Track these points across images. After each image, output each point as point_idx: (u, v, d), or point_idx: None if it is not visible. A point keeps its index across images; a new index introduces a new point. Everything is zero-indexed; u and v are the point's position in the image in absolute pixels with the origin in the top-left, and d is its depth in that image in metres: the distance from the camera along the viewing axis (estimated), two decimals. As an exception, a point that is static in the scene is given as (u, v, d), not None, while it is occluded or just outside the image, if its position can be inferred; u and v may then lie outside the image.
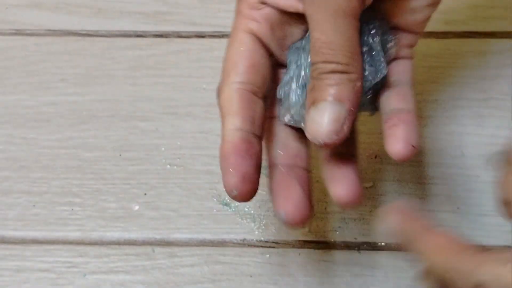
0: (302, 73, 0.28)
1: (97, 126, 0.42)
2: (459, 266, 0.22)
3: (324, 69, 0.25)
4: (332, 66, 0.25)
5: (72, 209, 0.39)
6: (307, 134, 0.26)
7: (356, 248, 0.38)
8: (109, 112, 0.42)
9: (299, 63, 0.29)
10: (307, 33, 0.29)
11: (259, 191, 0.39)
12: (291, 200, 0.28)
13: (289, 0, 0.28)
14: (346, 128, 0.25)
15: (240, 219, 0.39)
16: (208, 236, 0.38)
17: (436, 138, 0.40)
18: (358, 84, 0.25)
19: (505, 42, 0.43)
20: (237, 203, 0.39)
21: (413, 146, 0.27)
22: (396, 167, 0.40)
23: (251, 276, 0.37)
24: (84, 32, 0.45)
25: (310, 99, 0.26)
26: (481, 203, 0.38)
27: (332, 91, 0.25)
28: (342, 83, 0.25)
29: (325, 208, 0.39)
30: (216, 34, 0.45)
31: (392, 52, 0.30)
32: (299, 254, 0.38)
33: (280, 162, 0.29)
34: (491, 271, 0.21)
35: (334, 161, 0.29)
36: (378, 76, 0.28)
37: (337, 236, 0.38)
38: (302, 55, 0.29)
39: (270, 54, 0.30)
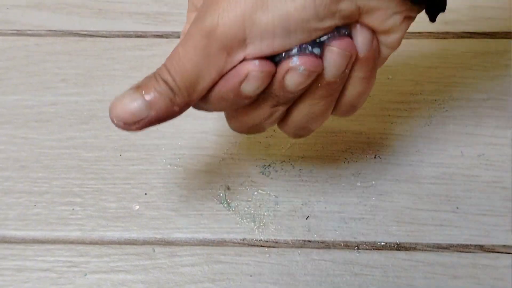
0: None
1: (98, 126, 0.42)
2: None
3: (163, 74, 0.27)
4: (169, 78, 0.27)
5: (73, 209, 0.39)
6: (111, 103, 0.28)
7: (356, 248, 0.38)
8: (110, 112, 0.42)
9: None
10: None
11: (259, 191, 0.39)
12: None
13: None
14: (136, 126, 0.27)
15: (240, 219, 0.39)
16: (208, 236, 0.38)
17: (436, 138, 0.41)
18: (176, 108, 0.27)
19: (505, 42, 0.43)
20: (237, 203, 0.39)
21: None
22: (396, 167, 0.40)
23: (251, 276, 0.37)
24: (84, 33, 0.45)
25: (138, 83, 0.27)
26: (480, 203, 0.39)
27: (152, 94, 0.27)
28: (164, 95, 0.27)
29: (325, 208, 0.39)
30: (216, 34, 0.45)
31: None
32: (299, 253, 0.38)
33: None
34: None
35: None
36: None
37: (336, 236, 0.38)
38: None
39: None
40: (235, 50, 0.26)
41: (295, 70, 0.27)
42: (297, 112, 0.30)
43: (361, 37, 0.28)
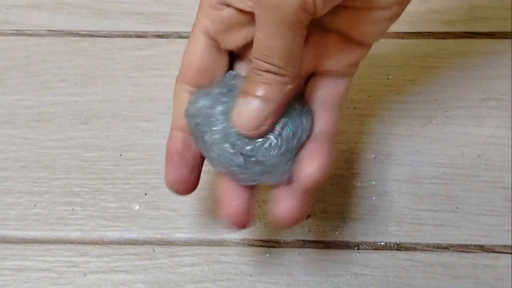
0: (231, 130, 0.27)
1: (98, 126, 0.42)
2: None
3: (261, 66, 0.26)
4: (267, 66, 0.26)
5: (73, 209, 0.39)
6: (231, 121, 0.27)
7: (356, 248, 0.38)
8: (110, 112, 0.42)
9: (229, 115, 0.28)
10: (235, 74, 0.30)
11: (259, 191, 0.39)
12: (234, 205, 0.29)
13: (246, 0, 0.28)
14: (267, 125, 0.27)
15: (240, 219, 0.39)
16: (208, 236, 0.38)
17: (436, 138, 0.41)
18: (289, 87, 0.27)
19: (505, 42, 0.43)
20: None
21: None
22: (396, 167, 0.40)
23: (251, 276, 0.37)
24: (84, 33, 0.45)
25: (243, 89, 0.27)
26: (480, 203, 0.39)
27: (262, 88, 0.26)
28: (273, 83, 0.26)
29: (325, 208, 0.39)
30: (216, 34, 0.45)
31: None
32: (299, 253, 0.38)
33: None
34: None
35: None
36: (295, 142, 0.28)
37: (336, 236, 0.38)
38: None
39: (228, 52, 0.30)
40: (309, 6, 0.25)
41: None
42: None
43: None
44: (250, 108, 0.27)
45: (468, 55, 0.43)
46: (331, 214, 0.39)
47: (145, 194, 0.40)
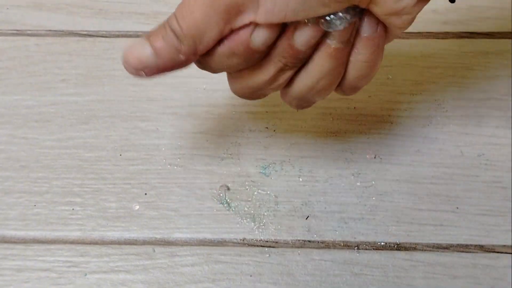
0: None
1: (98, 126, 0.42)
2: None
3: (172, 24, 0.27)
4: (176, 27, 0.27)
5: (73, 209, 0.39)
6: (124, 51, 0.28)
7: (356, 248, 0.38)
8: (110, 112, 0.42)
9: None
10: None
11: (259, 191, 0.39)
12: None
13: None
14: (144, 74, 0.28)
15: (240, 219, 0.39)
16: (208, 236, 0.38)
17: (436, 138, 0.41)
18: (182, 57, 0.28)
19: (505, 42, 0.43)
20: (237, 203, 0.39)
21: None
22: (396, 167, 0.40)
23: (251, 276, 0.37)
24: (84, 33, 0.45)
25: (150, 32, 0.28)
26: (480, 203, 0.39)
27: (159, 42, 0.28)
28: (169, 44, 0.27)
29: (325, 208, 0.39)
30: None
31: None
32: (299, 253, 0.38)
33: None
34: None
35: None
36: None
37: (336, 236, 0.38)
38: None
39: None
40: (247, 10, 0.27)
41: (303, 26, 0.27)
42: (301, 81, 0.31)
43: (367, 19, 0.28)
44: (140, 51, 0.28)
45: (468, 55, 0.43)
46: (331, 214, 0.39)
47: (145, 194, 0.40)
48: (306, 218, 0.39)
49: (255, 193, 0.39)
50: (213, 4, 0.27)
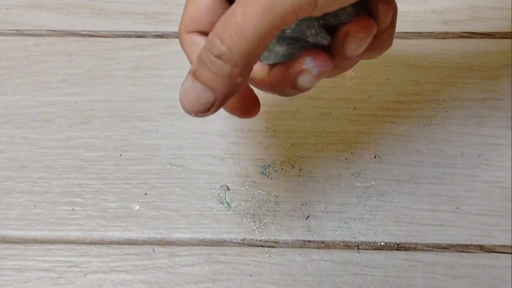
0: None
1: (98, 126, 0.42)
2: None
3: (216, 47, 0.24)
4: (223, 49, 0.24)
5: (73, 209, 0.39)
6: (180, 98, 0.27)
7: (356, 248, 0.38)
8: (110, 112, 0.42)
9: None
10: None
11: (259, 191, 0.39)
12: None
13: None
14: (212, 111, 0.26)
15: (240, 219, 0.39)
16: (208, 236, 0.38)
17: (436, 138, 0.41)
18: (239, 80, 0.25)
19: (505, 42, 0.43)
20: (237, 203, 0.39)
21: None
22: (396, 167, 0.40)
23: (251, 276, 0.37)
24: (84, 33, 0.45)
25: (193, 69, 0.26)
26: (480, 203, 0.39)
27: (209, 76, 0.25)
28: (221, 74, 0.25)
29: (325, 208, 0.39)
30: (216, 34, 0.45)
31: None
32: (299, 253, 0.38)
33: None
34: None
35: None
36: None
37: (336, 236, 0.38)
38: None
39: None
40: (305, 11, 0.24)
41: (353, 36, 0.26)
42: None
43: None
44: (196, 94, 0.26)
45: (468, 55, 0.43)
46: (331, 214, 0.39)
47: (145, 194, 0.40)
48: (306, 218, 0.39)
49: (255, 193, 0.39)
50: (268, 15, 0.23)
